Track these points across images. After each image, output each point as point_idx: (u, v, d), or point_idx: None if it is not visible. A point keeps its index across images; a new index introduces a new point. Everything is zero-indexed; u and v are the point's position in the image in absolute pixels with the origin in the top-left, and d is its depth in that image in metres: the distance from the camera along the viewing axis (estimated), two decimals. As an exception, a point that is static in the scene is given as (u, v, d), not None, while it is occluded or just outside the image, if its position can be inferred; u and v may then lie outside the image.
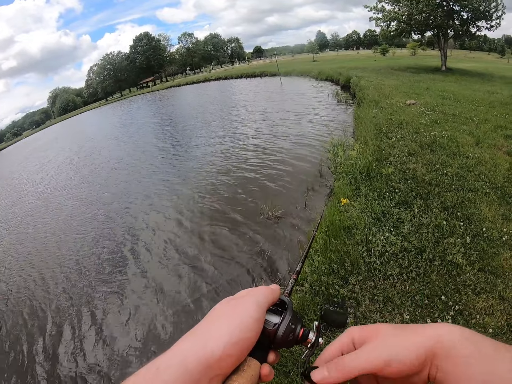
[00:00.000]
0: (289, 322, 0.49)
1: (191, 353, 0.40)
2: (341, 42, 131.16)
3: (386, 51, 45.00)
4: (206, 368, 0.40)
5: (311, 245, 0.71)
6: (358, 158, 5.60)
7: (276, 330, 0.48)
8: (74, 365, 3.66)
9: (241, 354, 0.43)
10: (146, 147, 13.87)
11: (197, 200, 6.96)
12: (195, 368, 0.39)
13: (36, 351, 4.04)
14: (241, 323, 0.44)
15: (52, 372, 3.66)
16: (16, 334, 4.44)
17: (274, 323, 0.49)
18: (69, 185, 11.41)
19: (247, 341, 0.43)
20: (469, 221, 3.67)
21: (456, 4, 18.63)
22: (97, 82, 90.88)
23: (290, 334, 0.49)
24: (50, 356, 3.89)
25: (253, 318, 0.45)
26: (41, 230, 7.89)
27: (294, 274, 0.62)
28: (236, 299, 0.48)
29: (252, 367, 0.45)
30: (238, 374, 0.44)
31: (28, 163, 21.08)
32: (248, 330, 0.44)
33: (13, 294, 5.43)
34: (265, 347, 0.49)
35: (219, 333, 0.43)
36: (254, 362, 0.46)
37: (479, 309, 2.58)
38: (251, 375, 0.44)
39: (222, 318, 0.45)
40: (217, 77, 50.84)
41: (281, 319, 0.49)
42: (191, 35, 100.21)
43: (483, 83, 14.91)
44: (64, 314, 4.55)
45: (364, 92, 12.49)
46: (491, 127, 6.89)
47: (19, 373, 3.78)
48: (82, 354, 3.79)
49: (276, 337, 0.48)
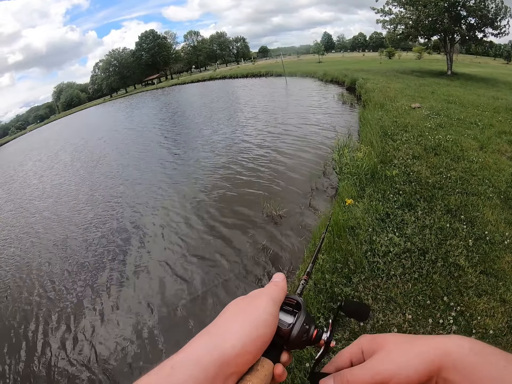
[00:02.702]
0: (303, 323, 0.49)
1: (206, 351, 0.40)
2: (347, 44, 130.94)
3: (392, 54, 44.81)
4: (223, 366, 0.39)
5: (321, 246, 0.72)
6: (363, 160, 5.64)
7: (290, 330, 0.48)
8: (77, 363, 3.71)
9: (258, 351, 0.43)
10: (152, 145, 13.98)
11: (200, 198, 6.99)
12: (211, 366, 0.39)
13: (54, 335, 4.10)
14: (257, 319, 0.44)
15: (57, 368, 3.72)
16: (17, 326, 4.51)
17: (288, 323, 0.49)
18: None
19: (264, 337, 0.44)
20: (472, 224, 3.71)
21: (464, 10, 18.58)
22: (102, 78, 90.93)
23: (304, 334, 0.49)
24: (56, 349, 3.95)
25: (269, 314, 0.45)
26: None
27: (305, 275, 0.63)
28: (250, 297, 0.49)
29: (266, 367, 0.45)
30: (251, 373, 0.43)
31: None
32: (265, 326, 0.44)
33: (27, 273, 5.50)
34: (278, 348, 0.49)
35: (236, 330, 0.43)
36: (268, 362, 0.46)
37: (480, 311, 2.61)
38: (264, 374, 0.44)
39: (237, 315, 0.45)
40: (223, 75, 50.82)
41: (295, 319, 0.49)
42: (197, 33, 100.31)
43: (488, 88, 14.89)
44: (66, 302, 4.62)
45: (369, 94, 12.51)
46: (495, 132, 6.92)
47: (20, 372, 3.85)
48: (86, 351, 3.84)
49: (290, 337, 0.48)
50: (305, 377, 2.36)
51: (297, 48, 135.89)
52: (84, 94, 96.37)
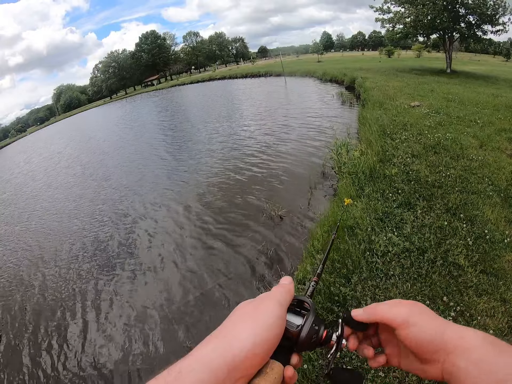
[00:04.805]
0: (312, 324, 0.48)
1: (215, 356, 0.40)
2: (346, 43, 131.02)
3: (391, 52, 44.78)
4: (232, 370, 0.39)
5: (331, 248, 0.72)
6: (361, 159, 5.61)
7: (299, 332, 0.47)
8: (80, 362, 3.70)
9: (266, 354, 0.43)
10: (152, 145, 13.97)
11: (200, 199, 6.99)
12: (220, 370, 0.39)
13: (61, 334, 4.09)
14: (265, 322, 0.44)
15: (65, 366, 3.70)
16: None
17: (297, 325, 0.48)
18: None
19: (272, 339, 0.44)
20: (472, 223, 3.67)
21: (463, 8, 18.52)
22: (101, 79, 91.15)
23: (314, 335, 0.48)
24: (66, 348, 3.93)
25: (276, 317, 0.45)
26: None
27: (315, 276, 0.63)
28: (257, 300, 0.48)
29: (275, 370, 0.44)
30: (260, 377, 0.43)
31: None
32: (272, 328, 0.44)
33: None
34: (287, 350, 0.48)
35: (244, 333, 0.42)
36: (277, 364, 0.45)
37: (480, 311, 2.58)
38: (274, 377, 0.43)
39: (245, 319, 0.45)
40: (222, 76, 50.92)
41: (304, 320, 0.49)
42: (196, 34, 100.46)
43: (488, 86, 14.85)
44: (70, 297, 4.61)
45: (368, 93, 12.48)
46: (495, 130, 6.88)
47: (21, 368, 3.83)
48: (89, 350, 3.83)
49: (299, 339, 0.47)
50: (303, 378, 2.33)
51: (296, 47, 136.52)
52: (84, 96, 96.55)
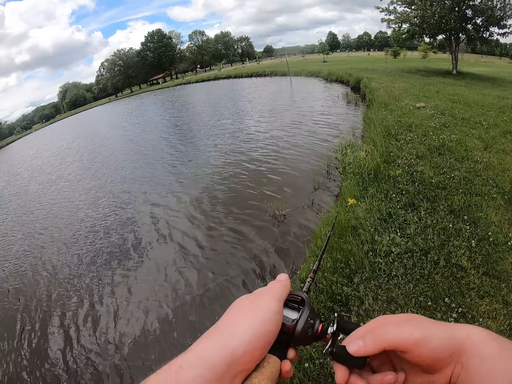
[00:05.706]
0: (307, 317, 0.49)
1: (214, 351, 0.41)
2: (352, 43, 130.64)
3: (397, 53, 44.55)
4: (230, 365, 0.40)
5: (327, 245, 0.74)
6: (366, 159, 5.62)
7: (294, 326, 0.48)
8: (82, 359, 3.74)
9: (264, 348, 0.44)
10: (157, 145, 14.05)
11: (203, 197, 7.01)
12: (219, 365, 0.39)
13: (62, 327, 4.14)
14: (262, 316, 0.45)
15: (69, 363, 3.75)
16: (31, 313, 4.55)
17: (292, 319, 0.49)
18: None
19: (270, 334, 0.44)
20: (475, 225, 3.67)
21: (470, 9, 18.38)
22: (107, 77, 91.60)
23: (309, 329, 0.49)
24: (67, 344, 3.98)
25: (274, 311, 0.46)
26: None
27: (312, 273, 0.64)
28: (254, 295, 0.49)
29: (272, 364, 0.45)
30: (258, 370, 0.44)
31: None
32: (270, 323, 0.45)
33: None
34: (283, 344, 0.49)
35: (242, 328, 0.43)
36: (274, 358, 0.46)
37: (482, 313, 2.59)
38: (270, 371, 0.44)
39: (243, 314, 0.46)
40: (228, 75, 50.91)
41: (299, 314, 0.50)
42: (202, 33, 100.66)
43: (494, 88, 14.74)
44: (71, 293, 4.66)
45: (374, 94, 12.45)
46: (500, 132, 6.85)
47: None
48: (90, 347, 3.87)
49: (295, 333, 0.48)
50: (304, 376, 2.35)
51: (302, 47, 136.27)
52: (90, 94, 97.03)
